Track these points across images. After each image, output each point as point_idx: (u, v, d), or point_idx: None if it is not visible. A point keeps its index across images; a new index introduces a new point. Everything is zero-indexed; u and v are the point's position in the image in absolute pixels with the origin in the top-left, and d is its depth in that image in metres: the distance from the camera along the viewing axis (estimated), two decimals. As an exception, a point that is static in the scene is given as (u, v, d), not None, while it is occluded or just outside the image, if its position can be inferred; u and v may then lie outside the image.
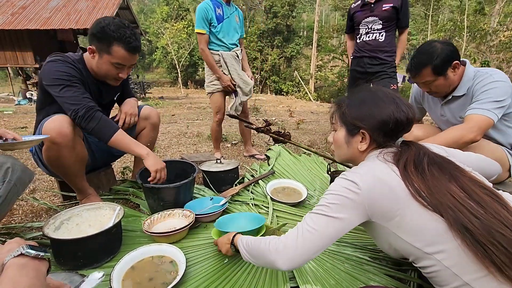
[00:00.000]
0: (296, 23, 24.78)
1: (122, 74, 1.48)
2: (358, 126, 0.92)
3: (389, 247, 0.88)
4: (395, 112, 0.88)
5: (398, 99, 0.92)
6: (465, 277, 0.69)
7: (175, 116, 6.38)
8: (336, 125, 1.01)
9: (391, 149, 0.91)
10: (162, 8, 23.17)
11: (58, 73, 1.37)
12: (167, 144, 3.41)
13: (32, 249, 0.62)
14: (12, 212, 1.63)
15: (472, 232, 0.68)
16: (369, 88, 0.99)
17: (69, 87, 1.37)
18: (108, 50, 1.38)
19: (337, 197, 0.82)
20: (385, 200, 0.79)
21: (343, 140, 0.98)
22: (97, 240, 1.14)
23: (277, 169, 2.17)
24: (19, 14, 10.49)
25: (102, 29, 1.35)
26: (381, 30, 2.50)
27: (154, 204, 1.53)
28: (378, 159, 0.86)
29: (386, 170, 0.82)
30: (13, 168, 1.13)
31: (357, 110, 0.93)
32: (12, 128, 4.51)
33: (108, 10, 10.90)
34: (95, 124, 1.37)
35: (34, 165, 2.47)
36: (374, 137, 0.92)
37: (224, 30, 2.40)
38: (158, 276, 1.08)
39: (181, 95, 13.98)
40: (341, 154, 1.02)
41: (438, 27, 17.66)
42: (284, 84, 20.24)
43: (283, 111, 7.93)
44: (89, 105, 1.37)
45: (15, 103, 9.46)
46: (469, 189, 0.76)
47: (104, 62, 1.42)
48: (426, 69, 1.46)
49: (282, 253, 0.83)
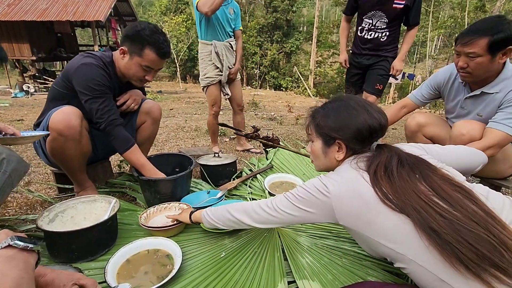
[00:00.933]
0: (296, 18, 24.63)
1: (149, 76, 1.50)
2: (334, 137, 0.95)
3: (368, 248, 0.90)
4: (368, 120, 0.91)
5: (370, 106, 0.95)
6: (440, 274, 0.70)
7: (174, 110, 6.34)
8: (312, 136, 1.03)
9: (365, 154, 0.93)
10: (161, 1, 22.91)
11: (90, 81, 1.38)
12: (165, 138, 3.38)
13: (20, 240, 0.60)
14: (7, 204, 1.61)
15: (438, 232, 0.69)
16: (341, 97, 1.01)
17: (97, 98, 1.40)
18: (140, 52, 1.41)
19: (307, 193, 0.90)
20: (354, 207, 0.83)
21: (320, 151, 1.01)
22: (92, 233, 1.12)
23: (275, 163, 2.15)
24: (15, 5, 10.32)
25: (137, 32, 1.39)
26: (384, 30, 2.38)
27: (151, 197, 1.51)
28: (351, 166, 0.89)
29: (356, 178, 0.85)
30: (8, 159, 1.12)
31: (331, 121, 0.95)
32: (9, 120, 4.46)
33: (106, 2, 10.75)
34: (111, 138, 1.45)
35: (30, 158, 2.45)
36: (350, 146, 0.94)
37: (218, 19, 2.38)
38: (154, 270, 1.06)
39: (179, 90, 13.90)
40: (320, 164, 1.05)
41: (439, 24, 17.59)
42: (283, 80, 20.17)
43: (282, 106, 7.90)
44: (110, 118, 1.42)
45: (12, 96, 9.36)
46: (438, 187, 0.77)
47: (134, 63, 1.44)
48: (482, 40, 1.29)
49: (251, 214, 1.02)
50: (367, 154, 0.93)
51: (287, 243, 1.25)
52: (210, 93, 2.56)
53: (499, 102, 1.41)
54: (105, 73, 1.44)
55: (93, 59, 1.43)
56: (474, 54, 1.34)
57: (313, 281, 1.05)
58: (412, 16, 2.33)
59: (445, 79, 1.66)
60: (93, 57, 1.44)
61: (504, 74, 1.40)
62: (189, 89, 14.40)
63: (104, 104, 1.41)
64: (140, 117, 1.77)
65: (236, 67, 2.55)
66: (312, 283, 1.04)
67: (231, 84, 2.62)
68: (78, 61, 1.41)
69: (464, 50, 1.36)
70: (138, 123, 1.78)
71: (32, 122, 4.36)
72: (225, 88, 2.58)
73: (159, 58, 1.44)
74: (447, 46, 22.60)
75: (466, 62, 1.38)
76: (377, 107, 0.97)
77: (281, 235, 1.31)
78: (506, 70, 1.40)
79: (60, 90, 1.47)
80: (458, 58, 1.42)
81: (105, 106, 1.41)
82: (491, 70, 1.38)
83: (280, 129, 4.15)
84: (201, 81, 2.57)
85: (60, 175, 1.72)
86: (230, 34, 2.51)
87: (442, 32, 17.86)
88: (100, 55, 1.48)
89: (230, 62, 2.51)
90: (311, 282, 1.04)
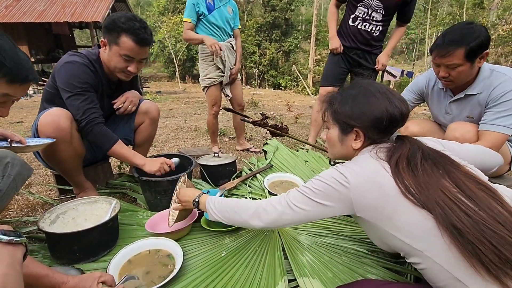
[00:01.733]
0: (295, 17, 24.59)
1: (131, 67, 1.45)
2: (352, 125, 0.90)
3: (381, 241, 0.87)
4: (388, 108, 0.86)
5: (391, 93, 0.89)
6: (456, 273, 0.68)
7: (173, 110, 6.34)
8: (328, 123, 0.98)
9: (385, 144, 0.89)
10: (159, 1, 22.85)
11: (72, 78, 1.37)
12: (164, 139, 3.38)
13: (4, 234, 0.58)
14: (8, 206, 1.62)
15: (461, 231, 0.67)
16: (360, 83, 0.95)
17: (78, 95, 1.38)
18: (117, 41, 1.38)
19: (324, 185, 0.85)
20: (374, 198, 0.79)
21: (336, 139, 0.96)
22: (93, 234, 1.13)
23: (275, 163, 2.16)
24: (13, 7, 10.30)
25: (112, 21, 1.37)
26: (379, 23, 2.26)
27: (151, 198, 1.52)
28: (371, 156, 0.85)
29: (377, 168, 0.81)
30: (12, 163, 1.12)
31: (349, 108, 0.90)
32: (8, 122, 4.46)
33: (104, 3, 10.73)
34: (93, 137, 1.41)
35: (30, 159, 2.46)
36: (368, 135, 0.90)
37: (216, 19, 2.38)
38: (155, 270, 1.07)
39: (178, 90, 13.89)
40: (335, 152, 1.00)
41: (437, 21, 17.58)
42: (282, 79, 20.16)
43: (281, 105, 7.90)
44: (91, 117, 1.39)
45: (11, 98, 9.33)
46: (463, 184, 0.75)
47: (113, 53, 1.42)
48: (458, 50, 1.29)
49: (261, 215, 0.93)
50: (386, 144, 0.89)
51: (287, 242, 1.26)
52: (210, 94, 2.56)
53: (484, 102, 1.42)
54: (89, 71, 1.42)
55: (78, 57, 1.42)
56: (454, 65, 1.34)
57: (313, 278, 1.06)
58: (409, 11, 2.25)
59: (426, 85, 1.68)
60: (78, 55, 1.43)
61: (482, 75, 1.42)
62: (188, 89, 14.39)
63: (85, 102, 1.38)
64: (138, 117, 1.77)
65: (236, 67, 2.54)
66: (312, 281, 1.05)
67: (232, 85, 2.61)
68: (63, 60, 1.41)
69: (443, 62, 1.37)
70: (137, 124, 1.79)
71: (31, 123, 4.35)
72: (225, 90, 2.57)
73: (137, 45, 1.39)
74: (446, 43, 22.55)
75: (447, 72, 1.39)
76: (399, 94, 0.91)
77: (281, 234, 1.31)
78: (483, 70, 1.42)
79: (50, 91, 1.47)
80: (438, 68, 1.42)
81: (86, 104, 1.38)
82: (472, 74, 1.41)
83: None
84: (202, 82, 2.56)
85: (60, 177, 1.73)
86: (230, 34, 2.50)
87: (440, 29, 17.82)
88: (86, 53, 1.46)
89: (231, 63, 2.50)
90: (312, 280, 1.05)
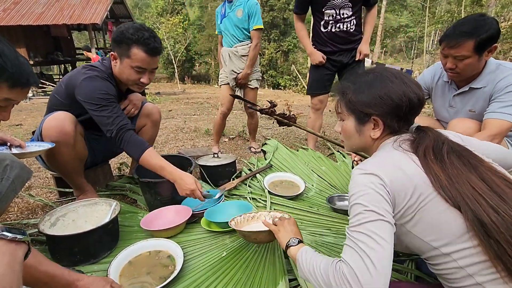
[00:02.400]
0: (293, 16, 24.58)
1: (144, 79, 1.44)
2: (369, 113, 0.84)
3: (400, 243, 0.80)
4: (406, 93, 0.80)
5: (406, 78, 0.84)
6: (479, 278, 0.65)
7: (172, 111, 6.33)
8: (343, 114, 0.91)
9: (406, 136, 0.83)
10: (157, 2, 22.84)
11: (96, 93, 1.36)
12: (164, 140, 3.38)
13: (8, 231, 0.57)
14: (8, 209, 1.62)
15: (489, 229, 0.63)
16: (374, 69, 0.89)
17: (105, 107, 1.36)
18: (128, 53, 1.37)
19: (372, 197, 0.71)
20: (406, 194, 0.71)
21: (353, 130, 0.89)
22: (93, 236, 1.13)
23: (275, 163, 2.16)
24: (11, 9, 10.29)
25: (121, 33, 1.35)
26: (351, 17, 2.18)
27: (151, 199, 1.52)
28: (394, 148, 0.79)
29: (405, 160, 0.74)
30: (11, 166, 1.12)
31: (365, 95, 0.84)
32: (7, 125, 4.46)
33: (102, 5, 10.72)
34: (125, 144, 1.37)
35: (30, 162, 2.45)
36: (388, 123, 0.83)
37: (225, 28, 2.49)
38: (156, 271, 1.07)
39: (178, 91, 13.88)
40: (352, 144, 0.93)
41: (436, 19, 17.58)
42: (281, 78, 20.14)
43: (281, 105, 7.89)
44: (120, 124, 1.36)
45: (10, 101, 9.33)
46: (490, 180, 0.70)
47: (125, 66, 1.40)
48: (468, 42, 1.29)
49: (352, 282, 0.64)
50: (407, 136, 0.83)
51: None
52: (221, 93, 2.70)
53: (489, 95, 1.42)
54: (110, 84, 1.43)
55: (97, 72, 1.41)
56: (462, 57, 1.35)
57: (313, 278, 1.06)
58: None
59: (431, 78, 1.68)
60: (97, 70, 1.42)
61: (488, 69, 1.42)
62: (187, 90, 14.38)
63: (112, 112, 1.37)
64: (140, 120, 1.78)
65: (243, 72, 2.48)
66: (312, 280, 1.05)
67: (244, 90, 2.63)
68: (81, 76, 1.39)
69: (451, 53, 1.37)
70: (139, 126, 1.80)
71: (30, 126, 4.35)
72: (236, 93, 2.60)
73: (149, 55, 1.37)
74: (445, 41, 22.55)
75: (455, 64, 1.39)
76: (413, 79, 0.86)
77: (281, 234, 1.32)
78: (489, 64, 1.42)
79: (63, 101, 1.46)
80: (446, 59, 1.43)
81: (114, 113, 1.37)
82: (479, 67, 1.41)
83: (279, 128, 4.16)
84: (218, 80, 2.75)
85: (60, 179, 1.73)
86: (240, 39, 2.47)
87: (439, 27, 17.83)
88: (101, 66, 1.45)
89: (237, 67, 2.50)
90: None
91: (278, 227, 1.00)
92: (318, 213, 1.54)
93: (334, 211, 1.58)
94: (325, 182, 1.93)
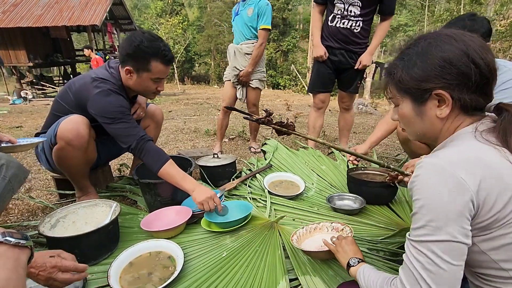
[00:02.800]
0: (292, 16, 24.53)
1: (160, 87, 1.48)
2: (428, 88, 0.67)
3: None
4: (472, 56, 0.63)
5: (470, 38, 0.65)
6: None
7: (172, 112, 6.33)
8: (395, 98, 0.76)
9: (485, 120, 0.66)
10: (157, 3, 22.84)
11: (111, 107, 1.37)
12: (164, 141, 3.38)
13: (12, 236, 0.57)
14: (8, 211, 1.62)
15: None
16: (423, 36, 0.71)
17: (120, 120, 1.37)
18: (147, 67, 1.37)
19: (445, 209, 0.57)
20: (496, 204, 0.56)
21: (412, 113, 0.73)
22: (93, 237, 1.13)
23: (274, 163, 2.16)
24: (11, 11, 10.30)
25: (137, 48, 1.33)
26: (358, 18, 2.15)
27: (151, 200, 1.52)
28: (477, 139, 0.62)
29: (496, 157, 0.58)
30: (7, 165, 1.12)
31: (418, 68, 0.67)
32: (8, 127, 4.46)
33: (101, 6, 10.72)
34: (146, 153, 1.37)
35: (30, 164, 2.45)
36: (456, 96, 0.65)
37: (236, 25, 2.54)
38: (156, 272, 1.07)
39: (178, 91, 13.89)
40: (415, 130, 0.76)
41: (435, 17, 17.55)
42: (281, 78, 20.13)
43: (281, 105, 7.90)
44: (139, 135, 1.37)
45: (10, 103, 9.35)
46: None
47: (143, 80, 1.42)
48: None
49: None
50: (488, 121, 0.66)
51: (288, 241, 1.26)
52: (223, 88, 2.75)
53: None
54: (122, 98, 1.43)
55: (109, 85, 1.40)
56: None
57: (314, 276, 1.06)
58: (388, 6, 2.14)
59: None
60: (108, 83, 1.40)
61: None
62: (187, 91, 14.39)
63: (128, 124, 1.38)
64: (144, 121, 1.80)
65: (245, 69, 2.48)
66: (314, 278, 1.05)
67: (247, 88, 2.63)
68: (93, 89, 1.37)
69: None
70: (142, 127, 1.77)
71: (31, 128, 4.36)
72: (238, 90, 2.63)
73: (166, 66, 1.41)
74: (444, 40, 22.53)
75: None
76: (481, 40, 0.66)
77: (282, 233, 1.32)
78: None
79: (71, 110, 1.46)
80: None
81: (130, 126, 1.38)
82: None
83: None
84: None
85: (60, 181, 1.73)
86: (247, 37, 2.48)
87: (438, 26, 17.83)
88: (111, 79, 1.43)
89: (240, 64, 2.52)
90: (313, 277, 1.06)
91: (337, 248, 0.97)
92: (318, 213, 1.54)
93: (334, 210, 1.58)
94: (325, 182, 1.93)
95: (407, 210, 1.56)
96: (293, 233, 1.23)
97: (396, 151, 2.89)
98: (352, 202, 1.65)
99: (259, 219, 1.44)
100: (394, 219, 1.50)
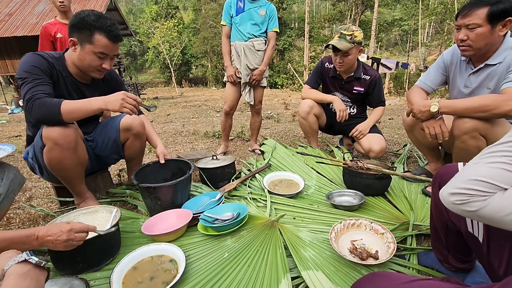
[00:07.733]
0: (287, 15, 24.59)
1: (106, 64, 1.45)
2: None
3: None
4: None
5: None
6: None
7: (171, 115, 6.34)
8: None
9: None
10: (151, 8, 22.90)
11: (25, 65, 1.33)
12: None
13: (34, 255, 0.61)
14: (9, 221, 1.62)
15: None
16: None
17: (24, 80, 1.31)
18: (90, 39, 1.37)
19: None
20: None
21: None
22: (95, 244, 1.13)
23: (273, 162, 2.16)
24: (6, 21, 10.32)
25: (82, 20, 1.35)
26: (352, 105, 2.41)
27: (152, 204, 1.53)
28: None
29: None
30: (8, 167, 1.19)
31: None
32: (7, 137, 4.47)
33: (95, 13, 10.75)
34: (37, 110, 1.26)
35: (30, 173, 2.46)
36: None
37: (241, 21, 2.47)
38: (159, 276, 1.08)
39: (175, 94, 13.91)
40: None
41: (429, 11, 17.58)
42: (278, 77, 20.17)
43: (279, 104, 7.91)
44: (31, 94, 1.27)
45: (9, 112, 9.37)
46: None
47: (86, 52, 1.40)
48: (481, 10, 1.32)
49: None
50: None
51: (289, 239, 1.26)
52: (225, 90, 2.65)
53: (505, 69, 1.40)
54: (43, 59, 1.38)
55: (35, 53, 1.40)
56: (473, 25, 1.36)
57: (317, 271, 1.07)
58: (373, 101, 2.34)
59: (450, 58, 1.66)
60: (36, 52, 1.41)
61: (505, 45, 1.41)
62: (185, 93, 14.41)
63: (32, 84, 1.30)
64: (122, 135, 1.67)
65: (260, 68, 2.48)
66: (316, 273, 1.06)
67: (255, 88, 2.60)
68: None
69: (463, 22, 1.39)
70: (122, 141, 1.70)
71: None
72: (245, 92, 2.56)
73: (111, 42, 1.40)
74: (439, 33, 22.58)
75: (466, 34, 1.40)
76: None
77: (283, 232, 1.32)
78: (506, 41, 1.41)
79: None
80: (458, 32, 1.44)
81: (33, 86, 1.29)
82: (492, 42, 1.39)
83: (277, 127, 4.17)
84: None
85: (60, 189, 1.73)
86: (257, 35, 2.48)
87: (433, 19, 17.85)
88: (46, 52, 1.44)
89: (251, 62, 2.47)
90: (316, 272, 1.07)
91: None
92: (318, 210, 1.55)
93: (334, 207, 1.58)
94: (324, 179, 1.94)
95: (406, 204, 1.56)
96: (332, 229, 1.23)
97: (395, 146, 2.90)
98: (352, 198, 1.65)
99: (259, 219, 1.45)
100: (393, 213, 1.50)
